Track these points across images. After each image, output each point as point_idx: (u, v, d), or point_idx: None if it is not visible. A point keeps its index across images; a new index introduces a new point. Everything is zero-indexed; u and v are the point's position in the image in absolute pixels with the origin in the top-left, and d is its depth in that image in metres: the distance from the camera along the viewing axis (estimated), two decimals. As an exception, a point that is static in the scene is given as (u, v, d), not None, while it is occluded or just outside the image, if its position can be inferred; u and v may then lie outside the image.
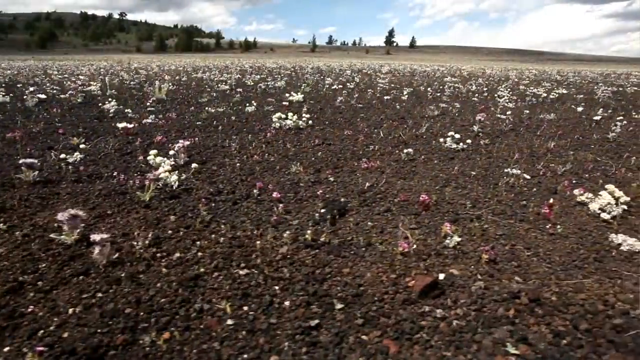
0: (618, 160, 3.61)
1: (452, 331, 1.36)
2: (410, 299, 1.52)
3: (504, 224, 2.20)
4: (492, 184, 2.84)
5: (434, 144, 3.93)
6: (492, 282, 1.64)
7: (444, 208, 2.39)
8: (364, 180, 2.86)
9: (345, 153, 3.59)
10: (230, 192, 2.69)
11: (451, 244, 1.91)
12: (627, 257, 1.86)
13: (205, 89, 9.10)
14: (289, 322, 1.40)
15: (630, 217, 2.33)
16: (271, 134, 4.27)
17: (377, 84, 11.32)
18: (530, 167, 3.30)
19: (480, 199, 2.55)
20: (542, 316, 1.43)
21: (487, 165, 3.33)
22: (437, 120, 5.35)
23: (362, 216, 2.27)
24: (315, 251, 1.88)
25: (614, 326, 1.38)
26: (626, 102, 8.55)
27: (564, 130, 4.96)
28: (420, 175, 3.02)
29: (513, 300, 1.50)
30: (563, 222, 2.23)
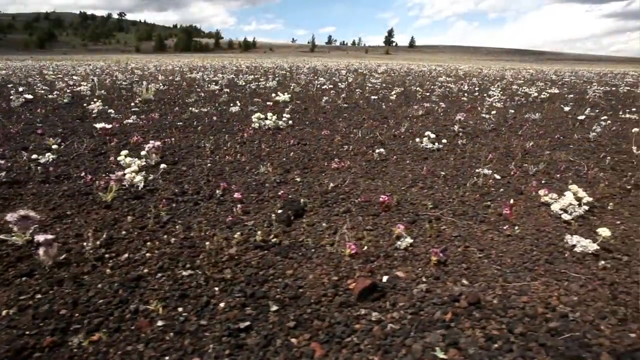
0: (594, 160, 3.59)
1: (385, 335, 1.34)
2: (349, 301, 1.51)
3: (462, 225, 2.18)
4: (460, 185, 2.83)
5: (411, 144, 3.92)
6: (436, 285, 1.63)
7: (405, 209, 2.37)
8: (330, 180, 2.84)
9: (318, 153, 3.58)
10: (194, 192, 2.67)
11: (402, 246, 1.89)
12: (579, 258, 1.85)
13: (195, 89, 9.08)
14: (219, 324, 1.39)
15: (592, 218, 2.31)
16: (248, 134, 4.26)
17: (369, 83, 11.30)
18: (502, 167, 3.29)
19: (444, 199, 2.54)
20: (478, 320, 1.41)
21: (459, 165, 3.31)
22: (420, 120, 5.33)
23: (319, 217, 2.26)
24: (263, 252, 1.87)
25: (549, 329, 1.37)
26: (616, 102, 8.53)
27: (546, 130, 4.95)
28: (390, 176, 3.01)
29: (452, 303, 1.49)
30: (523, 223, 2.21)
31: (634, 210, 2.42)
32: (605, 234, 1.85)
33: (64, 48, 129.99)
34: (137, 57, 59.43)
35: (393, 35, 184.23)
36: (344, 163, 3.22)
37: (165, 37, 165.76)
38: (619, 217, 2.32)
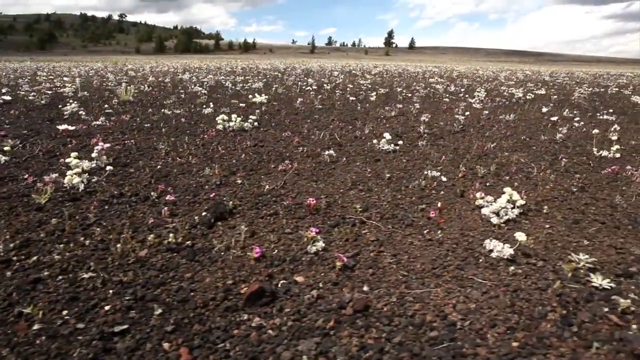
0: (550, 162, 3.57)
1: (259, 342, 1.32)
2: (236, 306, 1.49)
3: (385, 228, 2.16)
4: (402, 187, 2.80)
5: (368, 146, 3.90)
6: (331, 291, 1.60)
7: (333, 212, 2.35)
8: (271, 182, 2.83)
9: (271, 155, 3.56)
10: (132, 194, 2.66)
11: (312, 250, 1.87)
12: (492, 264, 1.82)
13: (178, 90, 9.07)
14: (95, 328, 1.37)
15: (523, 222, 2.28)
16: (210, 136, 4.25)
17: (355, 85, 11.28)
18: (454, 168, 3.26)
19: (378, 202, 2.52)
20: (359, 328, 1.39)
21: (409, 167, 3.29)
22: (390, 121, 5.31)
23: (243, 220, 2.24)
24: (172, 255, 1.85)
25: (429, 339, 1.34)
26: (600, 103, 8.49)
27: (515, 131, 4.92)
28: (333, 178, 2.99)
29: (339, 310, 1.47)
30: (449, 227, 2.19)
31: (569, 214, 2.39)
32: (521, 238, 1.82)
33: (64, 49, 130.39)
34: (136, 58, 59.53)
35: (393, 36, 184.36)
36: (292, 165, 3.21)
37: (165, 39, 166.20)
38: (551, 221, 2.29)
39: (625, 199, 2.65)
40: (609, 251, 1.92)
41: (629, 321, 1.41)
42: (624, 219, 2.33)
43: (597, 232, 2.13)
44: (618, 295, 1.54)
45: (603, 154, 3.81)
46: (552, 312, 1.45)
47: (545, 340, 1.32)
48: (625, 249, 1.94)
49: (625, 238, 2.07)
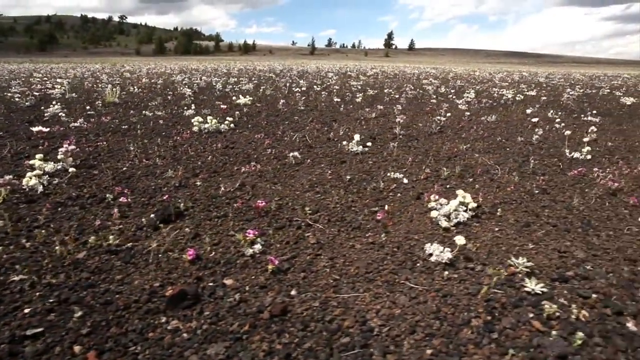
0: (520, 163, 3.55)
1: (170, 345, 1.31)
2: (157, 308, 1.48)
3: (331, 231, 2.14)
4: (361, 189, 2.79)
5: (338, 147, 3.88)
6: (257, 294, 1.59)
7: (282, 214, 2.34)
8: (230, 184, 2.81)
9: (238, 157, 3.55)
10: (90, 196, 2.65)
11: (249, 252, 1.85)
12: (430, 268, 1.79)
13: (166, 92, 9.06)
14: (9, 331, 1.35)
15: (474, 225, 2.25)
16: (183, 138, 4.24)
17: (347, 86, 11.28)
18: (418, 170, 3.25)
19: (331, 205, 2.50)
20: (272, 333, 1.37)
21: (374, 169, 3.27)
22: (369, 123, 5.29)
23: (190, 222, 2.23)
24: (110, 257, 1.84)
25: (340, 345, 1.33)
26: (588, 105, 8.47)
27: (492, 132, 4.91)
28: (294, 180, 2.98)
29: (257, 314, 1.45)
30: (396, 230, 2.17)
31: (522, 216, 2.37)
32: (460, 242, 1.81)
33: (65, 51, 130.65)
34: (135, 60, 59.55)
35: (393, 38, 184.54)
36: (256, 167, 3.19)
37: (165, 40, 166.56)
38: (502, 224, 2.27)
39: (585, 202, 2.63)
40: (552, 255, 1.90)
41: (552, 327, 1.39)
42: (577, 221, 2.31)
43: (545, 236, 2.11)
44: (548, 301, 1.52)
45: (575, 155, 3.80)
46: (476, 318, 1.43)
47: (462, 348, 1.30)
48: (570, 252, 1.92)
49: (573, 241, 2.05)
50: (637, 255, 1.91)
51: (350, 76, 17.56)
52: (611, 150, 4.22)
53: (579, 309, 1.47)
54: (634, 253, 1.92)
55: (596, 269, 1.76)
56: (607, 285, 1.63)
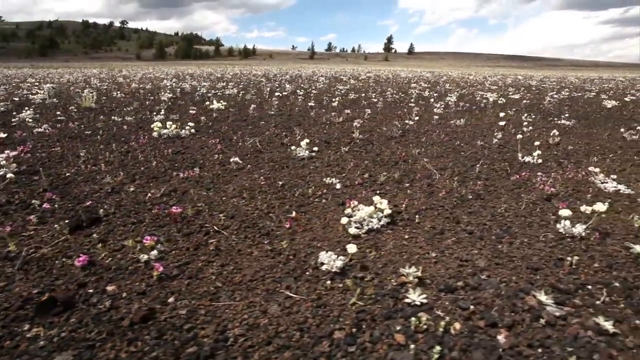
0: (469, 167, 3.51)
1: (21, 354, 1.30)
2: (27, 316, 1.45)
3: (238, 238, 2.12)
4: (289, 195, 2.76)
5: (287, 152, 3.86)
6: (131, 301, 1.56)
7: (197, 221, 2.31)
8: (161, 190, 2.79)
9: (184, 162, 3.54)
10: (20, 202, 2.62)
11: (144, 259, 1.83)
12: (317, 277, 1.76)
13: (148, 96, 9.05)
14: None
15: (386, 232, 2.21)
16: (139, 143, 4.22)
17: (333, 90, 11.27)
18: (356, 176, 3.21)
19: (250, 211, 2.47)
20: (125, 341, 1.35)
21: (313, 174, 3.25)
22: (333, 127, 5.27)
23: (105, 228, 2.20)
24: (5, 263, 1.82)
25: (186, 355, 1.29)
26: (568, 108, 8.44)
27: (455, 136, 4.87)
28: (230, 185, 2.95)
29: (117, 322, 1.42)
30: (303, 237, 2.13)
31: (440, 223, 2.33)
32: (351, 250, 1.77)
33: (66, 56, 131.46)
34: (135, 64, 59.76)
35: (392, 42, 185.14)
36: (196, 172, 3.17)
37: (166, 45, 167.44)
38: (416, 231, 2.22)
39: (516, 207, 2.59)
40: (452, 264, 1.86)
41: (416, 340, 1.35)
42: (497, 228, 2.26)
43: (455, 243, 2.07)
44: (426, 312, 1.49)
45: (527, 159, 3.76)
46: (341, 330, 1.40)
47: (312, 361, 1.26)
48: (472, 261, 1.88)
49: (481, 249, 2.01)
50: (541, 263, 1.86)
51: (342, 80, 17.59)
52: (569, 153, 4.18)
53: (452, 321, 1.43)
54: (538, 261, 1.88)
55: (490, 279, 1.72)
56: (493, 296, 1.59)
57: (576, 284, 1.70)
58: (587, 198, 2.77)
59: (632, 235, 2.17)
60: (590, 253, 1.97)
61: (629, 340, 1.36)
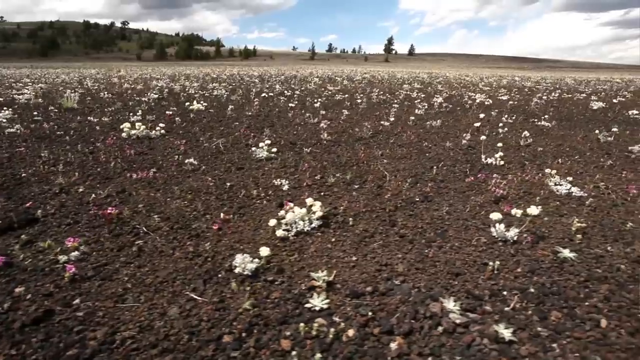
0: (428, 169, 3.49)
1: None
2: None
3: (166, 239, 2.11)
4: (233, 196, 2.74)
5: (248, 153, 3.84)
6: (33, 302, 1.54)
7: (132, 222, 2.30)
8: (107, 191, 2.77)
9: (144, 163, 3.54)
10: (-36, 202, 2.60)
11: (62, 260, 1.81)
12: (228, 279, 1.74)
13: (134, 97, 9.02)
14: None
15: (316, 234, 2.18)
16: (106, 144, 4.21)
17: (322, 91, 11.25)
18: (306, 178, 3.18)
19: (189, 212, 2.46)
20: (8, 344, 1.33)
21: (266, 175, 3.23)
22: (303, 128, 5.24)
23: (39, 229, 2.20)
24: None
25: (67, 358, 1.27)
26: (554, 109, 8.40)
27: (425, 137, 4.83)
28: (179, 187, 2.94)
29: (10, 323, 1.41)
30: (229, 239, 2.11)
31: (374, 226, 2.29)
32: (264, 253, 1.75)
33: (66, 56, 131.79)
34: (135, 65, 59.80)
35: (393, 43, 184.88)
36: (150, 173, 3.15)
37: (167, 45, 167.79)
38: (345, 234, 2.19)
39: (461, 210, 2.56)
40: (370, 268, 1.83)
41: (303, 347, 1.33)
42: (431, 232, 2.24)
43: (382, 247, 2.05)
44: (324, 318, 1.47)
45: (489, 161, 3.73)
46: (230, 334, 1.38)
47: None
48: (391, 266, 1.86)
49: (406, 254, 1.98)
50: (464, 268, 1.84)
51: (335, 81, 17.57)
52: (537, 155, 4.15)
53: (347, 327, 1.41)
54: (461, 266, 1.86)
55: (402, 285, 1.69)
56: (399, 303, 1.57)
57: (492, 289, 1.67)
58: (536, 201, 2.74)
59: (567, 239, 2.15)
60: (517, 258, 1.94)
61: (524, 348, 1.34)
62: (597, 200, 2.79)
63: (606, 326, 1.45)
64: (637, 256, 1.96)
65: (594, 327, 1.45)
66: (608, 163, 3.84)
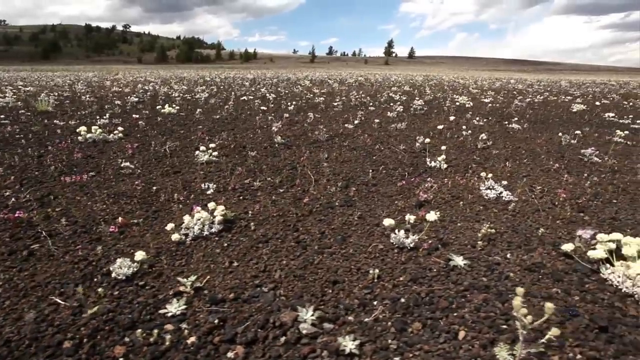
0: (366, 173, 3.45)
1: None
2: None
3: (64, 243, 2.10)
4: (150, 201, 2.73)
5: (192, 157, 3.83)
6: None
7: (39, 226, 2.28)
8: (37, 194, 2.78)
9: (84, 167, 3.55)
10: None
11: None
12: (101, 284, 1.72)
13: (114, 101, 9.00)
14: None
15: (213, 238, 2.17)
16: (59, 147, 4.22)
17: (306, 93, 11.25)
18: (237, 181, 3.16)
19: (100, 217, 2.45)
20: None
21: (197, 179, 3.21)
22: (262, 131, 5.22)
23: None
24: None
25: None
26: (532, 112, 8.36)
27: (381, 140, 4.80)
28: (108, 190, 2.93)
29: None
30: (125, 243, 2.09)
31: (277, 231, 2.27)
32: (139, 257, 1.73)
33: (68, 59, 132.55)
34: (134, 68, 60.09)
35: (393, 46, 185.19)
36: (85, 177, 3.15)
37: (167, 48, 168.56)
38: (243, 239, 2.17)
39: (375, 215, 2.52)
40: (247, 274, 1.81)
41: (137, 354, 1.31)
42: (331, 237, 2.21)
43: (271, 252, 2.02)
44: (173, 324, 1.45)
45: (433, 164, 3.70)
46: (71, 340, 1.36)
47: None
48: (269, 272, 1.83)
49: (293, 260, 1.95)
50: (346, 276, 1.80)
51: (326, 84, 17.58)
52: (488, 158, 4.11)
53: (190, 334, 1.40)
54: (342, 274, 1.82)
55: (267, 292, 1.67)
56: (255, 310, 1.54)
57: (364, 299, 1.63)
58: (459, 205, 2.71)
59: (470, 246, 2.11)
60: (406, 265, 1.90)
61: (363, 361, 1.30)
62: (522, 204, 2.75)
63: (463, 338, 1.41)
64: (532, 264, 1.92)
65: (451, 339, 1.41)
66: (555, 166, 3.80)
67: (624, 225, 2.44)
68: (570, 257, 1.96)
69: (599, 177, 3.49)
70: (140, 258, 1.73)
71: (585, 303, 1.62)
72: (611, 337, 1.42)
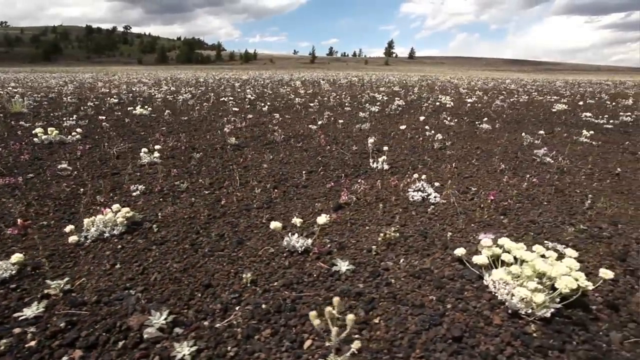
0: (302, 174, 3.43)
1: None
2: None
3: None
4: (72, 203, 2.72)
5: (137, 159, 3.83)
6: None
7: None
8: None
9: (27, 168, 3.61)
10: None
11: None
12: None
13: (94, 102, 8.99)
14: None
15: (112, 240, 2.15)
16: (7, 149, 4.22)
17: (291, 94, 11.24)
18: (169, 183, 3.15)
19: (13, 220, 2.43)
20: None
21: (132, 181, 3.20)
22: (221, 133, 5.21)
23: None
24: None
25: None
26: (512, 112, 8.33)
27: (337, 141, 4.76)
28: (37, 192, 2.93)
29: None
30: (24, 246, 2.08)
31: (178, 233, 2.26)
32: (14, 260, 1.72)
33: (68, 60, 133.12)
34: (134, 69, 60.29)
35: (393, 46, 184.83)
36: (20, 179, 3.17)
37: (168, 49, 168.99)
38: (138, 242, 2.16)
39: (289, 218, 2.50)
40: (124, 277, 1.80)
41: None
42: (229, 241, 2.18)
43: (160, 255, 2.01)
44: (25, 327, 1.44)
45: (375, 165, 3.67)
46: None
47: None
48: (146, 275, 1.81)
49: (178, 263, 1.94)
50: (221, 280, 1.79)
51: (317, 84, 17.58)
52: (438, 158, 4.07)
53: (32, 339, 1.38)
54: (219, 278, 1.81)
55: (131, 296, 1.66)
56: (111, 314, 1.53)
57: (228, 304, 1.60)
58: (379, 207, 2.68)
59: (365, 250, 2.08)
60: (287, 270, 1.87)
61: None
62: (445, 207, 2.72)
63: (307, 347, 1.38)
64: (420, 270, 1.89)
65: (295, 348, 1.38)
66: (501, 167, 3.77)
67: (539, 229, 2.41)
68: (463, 262, 1.93)
69: (542, 178, 3.46)
70: (16, 260, 1.71)
71: (455, 311, 1.58)
72: (462, 348, 1.39)
